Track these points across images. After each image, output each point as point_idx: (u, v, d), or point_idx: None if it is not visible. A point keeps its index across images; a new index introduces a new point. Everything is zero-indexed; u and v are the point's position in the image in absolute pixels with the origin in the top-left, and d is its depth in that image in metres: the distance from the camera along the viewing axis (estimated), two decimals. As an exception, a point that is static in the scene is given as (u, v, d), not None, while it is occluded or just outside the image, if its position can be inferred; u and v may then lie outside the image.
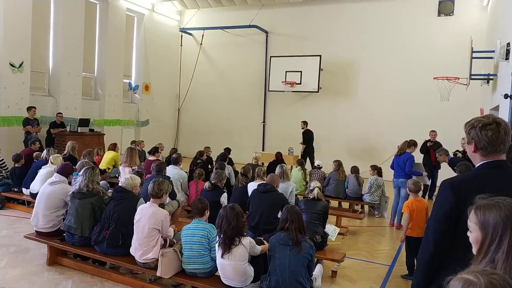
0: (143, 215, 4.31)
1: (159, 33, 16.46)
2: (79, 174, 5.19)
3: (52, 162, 7.00)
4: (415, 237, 5.02)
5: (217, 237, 3.86)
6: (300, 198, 6.96)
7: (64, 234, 4.89)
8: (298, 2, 15.20)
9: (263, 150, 15.37)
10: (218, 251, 3.83)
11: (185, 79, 17.45)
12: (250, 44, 16.33)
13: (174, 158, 7.63)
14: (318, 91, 14.36)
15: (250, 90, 16.31)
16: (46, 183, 5.33)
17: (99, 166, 8.12)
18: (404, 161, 7.60)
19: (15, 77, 10.82)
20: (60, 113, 11.53)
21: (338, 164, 8.62)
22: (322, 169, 9.11)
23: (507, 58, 7.11)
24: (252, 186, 6.05)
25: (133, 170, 7.33)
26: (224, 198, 6.04)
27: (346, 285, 4.92)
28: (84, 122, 12.02)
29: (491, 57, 8.82)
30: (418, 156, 8.87)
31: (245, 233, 3.95)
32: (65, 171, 5.44)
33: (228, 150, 9.80)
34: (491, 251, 1.54)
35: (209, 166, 9.14)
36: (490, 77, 9.45)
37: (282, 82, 14.58)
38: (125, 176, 5.11)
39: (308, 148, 12.72)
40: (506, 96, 6.50)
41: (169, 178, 6.42)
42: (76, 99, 12.69)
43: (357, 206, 8.75)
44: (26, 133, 10.44)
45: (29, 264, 4.93)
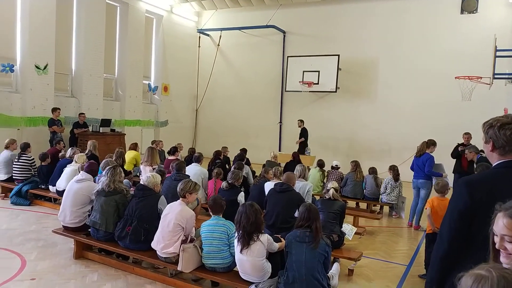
0: (172, 211, 4.48)
1: (177, 34, 16.71)
2: (103, 173, 5.39)
3: (76, 161, 7.26)
4: (434, 233, 5.01)
5: (236, 233, 3.97)
6: (317, 198, 7.03)
7: (90, 229, 5.09)
8: (316, 1, 15.23)
9: (280, 150, 15.45)
10: (237, 247, 3.95)
11: (203, 80, 17.66)
12: (267, 44, 16.43)
13: (196, 157, 7.87)
14: (336, 91, 14.34)
15: (267, 90, 16.41)
16: (73, 181, 5.54)
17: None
18: (424, 162, 7.51)
19: (40, 79, 11.19)
20: (82, 113, 11.84)
21: (355, 164, 8.65)
22: (340, 170, 9.16)
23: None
24: (269, 185, 6.15)
25: (153, 169, 7.54)
26: (241, 197, 6.15)
27: (362, 283, 4.97)
28: (105, 122, 12.30)
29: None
30: (446, 159, 8.78)
31: (263, 230, 4.06)
32: (92, 169, 5.67)
33: (244, 150, 9.94)
34: None
35: (227, 166, 9.30)
36: (515, 76, 9.26)
37: (299, 82, 14.62)
38: (147, 175, 5.27)
39: (305, 144, 13.06)
40: None
41: (188, 176, 6.59)
42: (97, 100, 13.02)
43: (375, 207, 8.77)
44: (52, 133, 10.79)
45: (57, 257, 5.15)
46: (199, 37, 17.78)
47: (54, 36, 11.50)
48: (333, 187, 5.53)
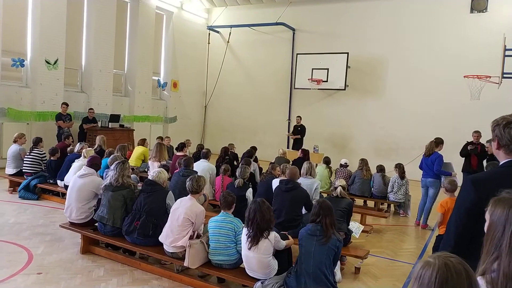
0: (181, 205, 4.49)
1: (187, 31, 16.72)
2: (111, 168, 5.40)
3: (85, 156, 7.28)
4: None
5: (246, 229, 3.95)
6: (325, 195, 6.99)
7: (97, 224, 5.12)
8: (326, -1, 15.16)
9: (288, 147, 15.39)
10: (246, 243, 3.93)
11: (212, 76, 17.67)
12: (276, 42, 16.38)
13: (204, 153, 7.88)
14: (345, 89, 14.29)
15: (276, 87, 16.37)
16: (76, 176, 5.53)
17: (128, 161, 8.37)
18: (433, 161, 7.47)
19: (50, 74, 11.28)
20: (91, 108, 11.91)
21: (363, 162, 8.60)
22: (348, 168, 9.11)
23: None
24: (276, 182, 6.13)
25: (161, 164, 7.56)
26: (249, 193, 6.15)
27: (369, 281, 4.95)
28: (114, 117, 12.36)
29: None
30: (454, 158, 8.68)
31: (272, 227, 4.06)
32: (94, 163, 5.66)
33: (254, 148, 9.92)
34: (495, 242, 1.61)
35: (235, 162, 9.29)
36: (524, 75, 9.18)
37: (308, 79, 14.56)
38: (155, 170, 5.28)
39: (301, 141, 13.17)
40: None
41: (196, 172, 6.59)
42: (107, 95, 13.10)
43: (383, 205, 8.71)
44: (58, 127, 10.88)
45: (64, 252, 5.18)
46: (209, 33, 17.78)
47: (65, 31, 11.57)
48: (340, 185, 5.50)
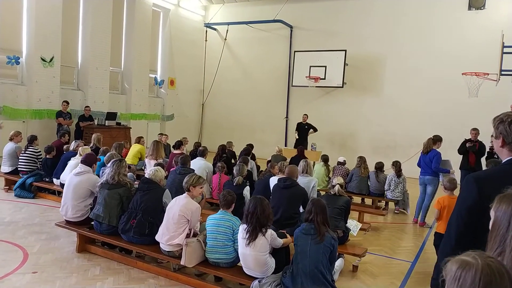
0: (176, 204, 4.45)
1: (184, 28, 16.65)
2: (107, 165, 5.35)
3: (81, 154, 7.22)
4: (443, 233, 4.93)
5: (245, 225, 3.93)
6: (322, 193, 6.97)
7: (93, 223, 5.07)
8: (323, -4, 15.11)
9: (286, 145, 15.39)
10: (244, 239, 3.89)
11: (209, 74, 17.61)
12: (274, 39, 16.34)
13: (201, 151, 7.83)
14: (342, 87, 14.26)
15: (274, 85, 16.34)
16: (72, 174, 5.46)
17: (125, 159, 8.32)
18: (431, 158, 7.45)
19: (46, 72, 11.21)
20: (88, 106, 11.85)
21: (361, 160, 8.58)
22: (346, 165, 9.09)
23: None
24: (274, 180, 6.10)
25: (157, 162, 7.51)
26: (246, 191, 6.13)
27: (366, 280, 4.92)
28: (111, 115, 12.30)
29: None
30: (452, 155, 8.67)
31: (270, 225, 4.03)
32: (89, 161, 5.55)
33: (251, 145, 9.90)
34: (500, 238, 1.58)
35: (232, 160, 9.26)
36: (522, 72, 9.17)
37: (306, 77, 14.53)
38: (152, 168, 5.24)
39: (306, 140, 13.12)
40: None
41: (193, 170, 6.55)
42: (103, 93, 13.03)
43: (380, 203, 8.70)
44: (58, 125, 10.83)
45: (60, 250, 5.13)
46: (206, 31, 17.72)
47: (60, 28, 11.49)
48: (338, 183, 5.47)
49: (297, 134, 13.20)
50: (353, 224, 5.60)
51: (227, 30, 17.00)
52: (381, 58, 14.33)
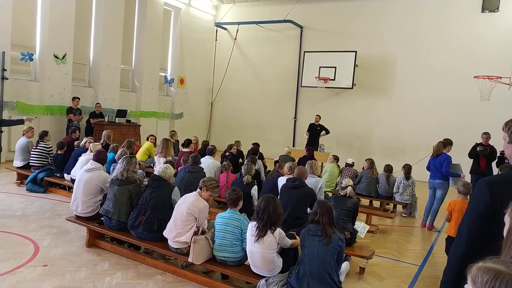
0: (185, 201, 4.48)
1: (194, 27, 16.72)
2: (119, 162, 5.41)
3: (92, 150, 7.31)
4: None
5: (255, 222, 3.94)
6: (330, 195, 6.96)
7: (102, 218, 5.14)
8: (335, -3, 15.08)
9: (294, 146, 15.37)
10: (253, 236, 3.91)
11: (219, 73, 17.65)
12: (284, 39, 16.34)
13: (210, 149, 7.88)
14: (352, 88, 14.20)
15: (282, 85, 16.33)
16: (83, 170, 5.53)
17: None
18: (441, 162, 7.39)
19: (59, 68, 11.34)
20: (98, 103, 11.96)
21: (371, 162, 8.55)
22: (354, 167, 9.07)
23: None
24: (282, 180, 6.11)
25: (167, 160, 7.56)
26: (254, 190, 6.15)
27: (373, 282, 4.92)
28: (121, 113, 12.39)
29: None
30: (462, 159, 8.61)
31: (279, 224, 4.05)
32: (100, 158, 5.64)
33: (258, 144, 9.91)
34: None
35: (240, 159, 9.28)
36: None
37: (315, 77, 14.50)
38: (162, 166, 5.28)
39: (317, 141, 13.09)
40: None
41: (202, 169, 6.60)
42: (114, 90, 13.13)
43: (389, 206, 8.67)
44: (68, 121, 10.94)
45: (70, 245, 5.20)
46: (216, 30, 17.77)
47: (73, 26, 11.62)
48: (349, 185, 5.46)
49: (308, 134, 13.17)
50: (360, 226, 5.59)
51: (237, 29, 17.03)
52: (391, 59, 14.25)
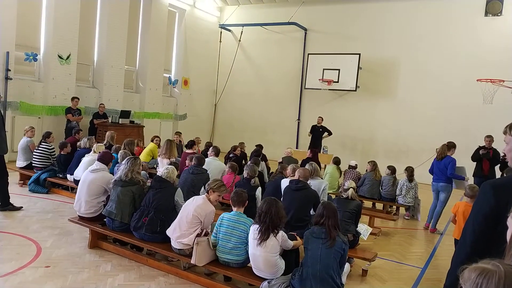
0: (193, 203, 4.47)
1: (199, 29, 16.74)
2: (122, 163, 5.41)
3: (95, 151, 7.33)
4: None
5: (257, 225, 3.93)
6: (333, 197, 6.94)
7: (105, 219, 5.14)
8: (338, -1, 15.09)
9: (297, 147, 15.36)
10: (255, 240, 3.90)
11: (223, 75, 17.66)
12: (288, 41, 16.34)
13: (216, 150, 7.89)
14: (355, 90, 14.20)
15: (286, 87, 16.33)
16: (88, 171, 5.54)
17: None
18: (446, 165, 7.36)
19: (63, 69, 11.37)
20: (102, 104, 11.98)
21: (374, 164, 8.53)
22: (357, 169, 9.05)
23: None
24: (285, 182, 6.10)
25: (170, 161, 7.57)
26: (259, 192, 6.14)
27: (376, 284, 4.90)
28: (125, 113, 12.39)
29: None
30: (465, 162, 8.57)
31: (282, 227, 4.05)
32: (105, 159, 5.65)
33: (260, 146, 9.91)
34: None
35: (243, 161, 9.28)
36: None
37: (319, 79, 14.50)
38: (165, 167, 5.28)
39: (319, 142, 13.10)
40: None
41: (206, 171, 6.60)
42: (118, 91, 13.16)
43: (391, 208, 8.64)
44: (67, 121, 10.96)
45: (72, 246, 5.20)
46: (221, 32, 17.78)
47: (78, 27, 11.66)
48: (351, 187, 5.45)
49: (311, 135, 13.18)
50: (363, 228, 5.57)
51: (242, 31, 17.03)
52: (396, 62, 14.24)
